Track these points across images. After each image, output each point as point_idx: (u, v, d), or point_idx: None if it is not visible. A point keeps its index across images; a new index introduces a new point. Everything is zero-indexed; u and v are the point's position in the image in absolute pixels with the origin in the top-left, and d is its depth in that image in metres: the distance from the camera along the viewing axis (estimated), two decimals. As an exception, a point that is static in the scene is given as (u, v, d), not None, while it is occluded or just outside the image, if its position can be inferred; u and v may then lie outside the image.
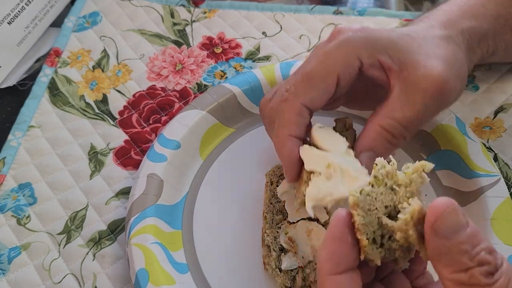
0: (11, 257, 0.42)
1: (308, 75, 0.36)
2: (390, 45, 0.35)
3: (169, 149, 0.45)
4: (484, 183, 0.41)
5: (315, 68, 0.36)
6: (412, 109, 0.34)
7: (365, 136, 0.35)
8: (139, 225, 0.40)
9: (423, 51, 0.35)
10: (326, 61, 0.35)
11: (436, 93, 0.34)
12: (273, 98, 0.38)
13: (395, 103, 0.35)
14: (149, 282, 0.37)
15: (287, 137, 0.35)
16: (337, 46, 0.36)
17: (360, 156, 0.34)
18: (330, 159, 0.32)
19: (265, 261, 0.39)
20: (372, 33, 0.36)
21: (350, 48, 0.35)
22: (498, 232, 0.38)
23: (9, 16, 0.54)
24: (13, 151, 0.48)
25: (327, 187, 0.32)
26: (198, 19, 0.59)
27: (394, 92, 0.35)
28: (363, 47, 0.35)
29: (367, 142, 0.35)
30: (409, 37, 0.36)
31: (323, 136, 0.35)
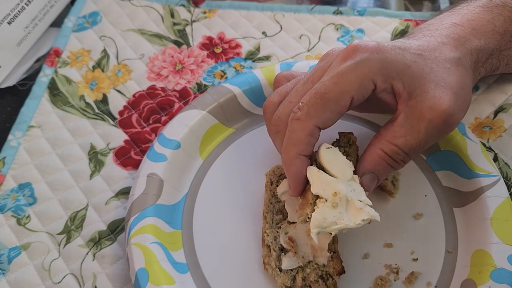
0: (11, 257, 0.42)
1: (322, 96, 0.35)
2: (404, 70, 0.35)
3: (169, 149, 0.45)
4: (484, 183, 0.41)
5: (330, 89, 0.35)
6: (415, 137, 0.35)
7: (367, 159, 0.36)
8: (139, 225, 0.40)
9: (434, 77, 0.36)
10: (341, 83, 0.35)
11: (441, 125, 0.35)
12: (281, 107, 0.38)
13: (399, 130, 0.36)
14: (149, 282, 0.37)
15: (297, 156, 0.36)
16: (353, 68, 0.35)
17: (362, 177, 0.36)
18: (337, 187, 0.34)
19: (265, 261, 0.39)
20: (388, 55, 0.36)
21: (366, 71, 0.35)
22: (498, 232, 0.38)
23: (9, 16, 0.54)
24: (13, 151, 0.48)
25: (333, 216, 0.33)
26: (198, 19, 0.59)
27: (400, 119, 0.36)
28: (379, 71, 0.35)
29: (369, 165, 0.36)
30: (422, 59, 0.36)
31: (330, 159, 0.35)
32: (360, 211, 0.34)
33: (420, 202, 0.43)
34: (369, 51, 0.35)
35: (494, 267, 0.37)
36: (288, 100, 0.38)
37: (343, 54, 0.36)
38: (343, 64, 0.35)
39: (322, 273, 0.38)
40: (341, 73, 0.35)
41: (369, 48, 0.36)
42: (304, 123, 0.35)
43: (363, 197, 0.35)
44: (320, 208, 0.34)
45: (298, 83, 0.38)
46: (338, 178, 0.35)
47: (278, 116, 0.38)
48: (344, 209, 0.34)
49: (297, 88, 0.38)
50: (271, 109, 0.39)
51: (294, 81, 0.40)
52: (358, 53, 0.36)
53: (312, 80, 0.37)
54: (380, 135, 0.37)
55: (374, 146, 0.37)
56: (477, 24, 0.41)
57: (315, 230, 0.34)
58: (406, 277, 0.39)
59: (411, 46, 0.37)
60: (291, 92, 0.38)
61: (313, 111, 0.35)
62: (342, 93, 0.35)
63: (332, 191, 0.34)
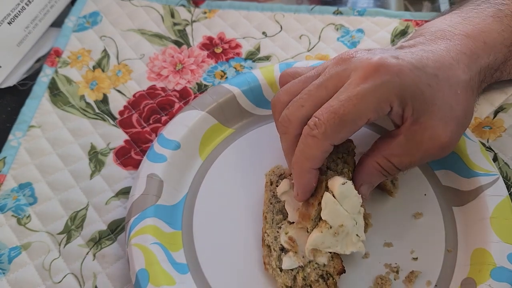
0: (11, 257, 0.42)
1: (341, 117, 0.35)
2: (417, 96, 0.36)
3: (169, 149, 0.45)
4: (483, 182, 0.41)
5: (349, 111, 0.35)
6: (409, 159, 0.38)
7: (364, 171, 0.39)
8: (139, 225, 0.40)
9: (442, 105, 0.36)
10: (360, 105, 0.35)
11: (436, 153, 0.38)
12: (291, 108, 0.38)
13: (396, 150, 0.38)
14: (150, 282, 0.37)
15: (309, 170, 0.37)
16: (373, 91, 0.35)
17: (361, 188, 0.39)
18: (345, 221, 0.37)
19: (265, 261, 0.39)
20: (407, 78, 0.35)
21: (386, 95, 0.35)
22: (497, 231, 0.38)
23: (9, 16, 0.54)
24: (13, 151, 0.49)
25: (330, 242, 0.37)
26: (198, 19, 0.59)
27: (399, 139, 0.37)
28: (397, 95, 0.35)
29: (365, 177, 0.39)
30: (436, 81, 0.36)
31: (344, 196, 0.37)
32: (353, 244, 0.37)
33: (420, 202, 0.43)
34: (390, 73, 0.35)
35: (494, 266, 0.37)
36: (299, 103, 0.38)
37: (364, 72, 0.36)
38: (364, 85, 0.35)
39: (323, 273, 0.38)
40: (361, 95, 0.35)
41: (391, 70, 0.35)
42: (320, 142, 0.36)
43: (361, 233, 0.38)
44: (324, 232, 0.37)
45: (310, 84, 0.38)
46: (348, 212, 0.37)
47: (287, 117, 0.38)
48: (342, 239, 0.37)
49: (309, 91, 0.38)
50: (279, 108, 0.39)
51: (303, 79, 0.40)
52: (379, 75, 0.35)
53: (326, 86, 0.37)
54: (378, 149, 0.39)
55: (371, 159, 0.39)
56: (488, 37, 0.41)
57: (310, 247, 0.37)
58: (406, 276, 0.39)
59: (428, 65, 0.37)
60: (302, 93, 0.38)
61: (330, 132, 0.35)
62: (360, 116, 0.35)
63: (339, 223, 0.37)
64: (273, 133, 0.48)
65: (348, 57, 0.38)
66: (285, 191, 0.41)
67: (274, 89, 0.49)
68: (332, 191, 0.38)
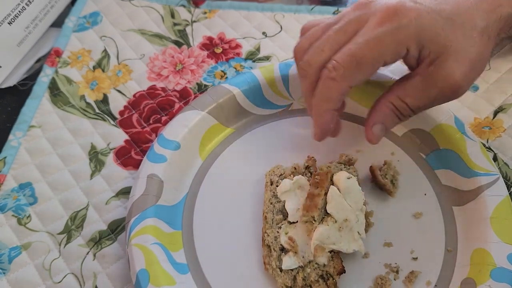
0: (11, 257, 0.42)
1: (358, 60, 0.36)
2: (434, 38, 0.36)
3: (168, 149, 0.45)
4: (483, 182, 0.41)
5: (366, 54, 0.36)
6: (423, 100, 0.39)
7: (378, 110, 0.40)
8: (139, 225, 0.40)
9: (457, 46, 0.37)
10: (378, 48, 0.36)
11: (449, 93, 0.38)
12: (311, 52, 0.39)
13: (411, 90, 0.38)
14: (150, 282, 0.37)
15: (328, 111, 0.39)
16: (391, 34, 0.36)
17: (373, 128, 0.40)
18: (349, 216, 0.38)
19: (265, 261, 0.39)
20: (425, 21, 0.36)
21: (403, 38, 0.36)
22: (497, 231, 0.38)
23: (9, 16, 0.54)
24: (13, 151, 0.49)
25: (335, 237, 0.37)
26: (198, 19, 0.59)
27: (415, 80, 0.38)
28: (414, 39, 0.36)
29: (379, 116, 0.40)
30: (451, 25, 0.37)
31: (348, 190, 0.38)
32: (355, 241, 0.38)
33: (420, 201, 0.43)
34: (408, 17, 0.36)
35: (494, 266, 0.37)
36: (319, 47, 0.39)
37: (382, 16, 0.37)
38: (381, 28, 0.36)
39: (323, 273, 0.38)
40: (379, 38, 0.36)
41: (409, 14, 0.36)
42: (339, 84, 0.37)
43: (362, 230, 0.39)
44: (330, 226, 0.37)
45: (329, 28, 0.39)
46: (352, 207, 0.38)
47: (308, 61, 0.39)
48: (345, 235, 0.38)
49: (329, 36, 0.39)
50: (300, 54, 0.41)
51: (323, 26, 0.40)
52: (397, 18, 0.36)
53: (346, 31, 0.38)
54: (392, 90, 0.39)
55: (384, 99, 0.39)
56: None
57: (316, 242, 0.37)
58: (406, 276, 0.39)
59: (445, 9, 0.37)
60: (322, 37, 0.39)
61: (348, 74, 0.37)
62: (377, 58, 0.36)
63: (344, 217, 0.38)
64: (273, 133, 0.48)
65: (367, 1, 0.39)
66: (285, 191, 0.41)
67: (274, 89, 0.49)
68: (337, 186, 0.39)
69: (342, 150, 0.44)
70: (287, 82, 0.49)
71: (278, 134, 0.48)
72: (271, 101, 0.49)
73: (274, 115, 0.49)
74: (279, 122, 0.49)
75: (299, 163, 0.44)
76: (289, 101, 0.50)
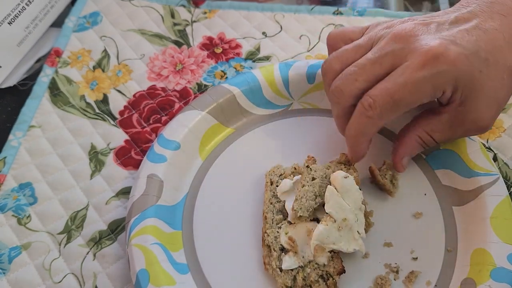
0: (11, 257, 0.42)
1: (396, 102, 0.37)
2: (468, 82, 0.37)
3: (168, 149, 0.45)
4: (483, 182, 0.41)
5: (405, 97, 0.37)
6: (449, 135, 0.41)
7: (406, 144, 0.42)
8: (139, 226, 0.40)
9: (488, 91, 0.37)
10: (415, 91, 0.36)
11: (475, 132, 0.41)
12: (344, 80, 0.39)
13: (439, 126, 0.40)
14: (150, 283, 0.37)
15: (363, 142, 0.40)
16: (430, 80, 0.36)
17: (402, 160, 0.42)
18: (347, 215, 0.38)
19: (265, 261, 0.39)
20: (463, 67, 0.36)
21: (441, 82, 0.36)
22: (497, 231, 0.38)
23: (9, 16, 0.54)
24: (13, 151, 0.49)
25: (334, 237, 0.37)
26: (198, 19, 0.59)
27: (443, 117, 0.40)
28: (451, 82, 0.37)
29: (408, 150, 0.42)
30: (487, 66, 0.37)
31: (346, 189, 0.39)
32: (355, 241, 0.38)
33: (420, 201, 0.43)
34: (448, 63, 0.36)
35: (494, 266, 0.37)
36: (353, 76, 0.39)
37: (423, 59, 0.36)
38: (421, 72, 0.36)
39: (323, 273, 0.38)
40: (418, 82, 0.36)
41: (449, 59, 0.36)
42: (375, 122, 0.38)
43: (361, 230, 0.38)
44: (329, 226, 0.37)
45: (364, 58, 0.39)
46: (350, 206, 0.38)
47: (340, 89, 0.39)
48: (345, 234, 0.38)
49: (363, 65, 0.38)
50: (331, 75, 0.41)
51: (355, 47, 0.40)
52: (437, 64, 0.36)
53: (382, 63, 0.38)
54: (419, 124, 0.41)
55: (412, 133, 0.41)
56: None
57: (315, 242, 0.37)
58: (406, 276, 0.39)
59: (481, 48, 0.37)
60: (355, 65, 0.39)
61: (385, 114, 0.37)
62: (414, 101, 0.37)
63: (343, 216, 0.38)
64: (273, 133, 0.48)
65: (406, 35, 0.38)
66: (286, 191, 0.41)
67: (274, 89, 0.49)
68: (334, 185, 0.39)
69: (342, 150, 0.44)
70: (287, 82, 0.49)
71: (278, 134, 0.48)
72: (271, 101, 0.49)
73: (274, 115, 0.49)
74: (279, 122, 0.49)
75: (299, 163, 0.44)
76: (289, 101, 0.50)
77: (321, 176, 0.40)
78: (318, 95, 0.49)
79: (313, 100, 0.49)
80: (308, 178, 0.40)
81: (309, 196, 0.39)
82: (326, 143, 0.45)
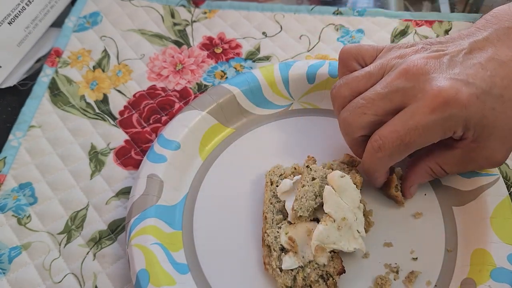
0: (11, 257, 0.42)
1: (406, 144, 0.36)
2: (480, 121, 0.36)
3: (169, 149, 0.45)
4: (484, 182, 0.41)
5: (414, 140, 0.36)
6: (461, 169, 0.41)
7: (416, 173, 0.41)
8: (139, 226, 0.40)
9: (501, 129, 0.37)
10: (426, 135, 0.36)
11: (487, 168, 0.41)
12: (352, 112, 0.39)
13: (450, 159, 0.40)
14: (150, 283, 0.37)
15: (378, 176, 0.41)
16: (441, 124, 0.36)
17: (410, 188, 0.42)
18: (346, 214, 0.38)
19: (265, 261, 0.39)
20: (474, 108, 0.35)
21: (452, 125, 0.36)
22: (497, 231, 0.38)
23: (9, 16, 0.54)
24: (13, 151, 0.49)
25: (334, 236, 0.38)
26: (198, 19, 0.59)
27: (455, 152, 0.39)
28: (461, 123, 0.36)
29: (417, 179, 0.42)
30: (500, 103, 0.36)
31: (343, 188, 0.39)
32: (355, 240, 0.38)
33: (420, 201, 0.43)
34: (459, 106, 0.35)
35: (494, 266, 0.37)
36: (361, 110, 0.38)
37: (433, 103, 0.35)
38: (432, 116, 0.35)
39: (323, 273, 0.38)
40: (429, 126, 0.36)
41: (460, 103, 0.35)
42: (385, 162, 0.38)
43: (361, 229, 0.39)
44: (328, 225, 0.37)
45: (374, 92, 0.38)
46: (348, 205, 0.38)
47: (348, 122, 0.39)
48: (345, 234, 0.38)
49: (372, 100, 0.38)
50: (340, 101, 0.41)
51: (366, 76, 0.40)
52: (449, 108, 0.35)
53: (391, 100, 0.37)
54: (432, 155, 0.41)
55: (424, 164, 0.41)
56: None
57: (316, 242, 0.37)
58: (406, 276, 0.39)
59: (495, 84, 0.36)
60: (364, 97, 0.38)
61: (395, 154, 0.38)
62: (424, 143, 0.37)
63: (341, 216, 0.38)
64: (273, 133, 0.48)
65: (417, 73, 0.37)
66: (285, 191, 0.41)
67: (274, 89, 0.49)
68: (332, 185, 0.39)
69: (342, 150, 0.44)
70: (287, 82, 0.49)
71: (278, 134, 0.48)
72: (271, 101, 0.49)
73: (274, 115, 0.49)
74: (279, 122, 0.49)
75: (299, 163, 0.44)
76: (289, 101, 0.50)
77: (321, 176, 0.40)
78: (318, 95, 0.49)
79: (313, 100, 0.49)
80: (308, 178, 0.40)
81: (309, 196, 0.39)
82: (326, 143, 0.45)
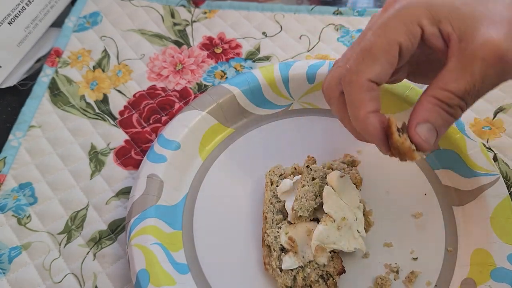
0: (11, 257, 0.42)
1: (368, 50, 0.33)
2: (452, 13, 0.32)
3: (169, 149, 0.45)
4: (484, 182, 0.41)
5: (375, 41, 0.33)
6: (468, 80, 0.32)
7: (419, 108, 0.33)
8: (139, 226, 0.40)
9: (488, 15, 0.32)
10: (385, 33, 0.32)
11: (496, 62, 0.31)
12: (329, 74, 0.37)
13: (450, 75, 0.32)
14: (150, 283, 0.37)
15: (366, 116, 0.33)
16: (396, 14, 0.33)
17: (418, 129, 0.33)
18: (346, 214, 0.38)
19: (265, 261, 0.39)
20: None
21: (410, 15, 0.32)
22: (498, 231, 0.38)
23: (9, 16, 0.54)
24: (13, 151, 0.49)
25: (334, 236, 0.38)
26: (198, 19, 0.59)
27: (450, 63, 0.33)
28: (424, 14, 0.32)
29: (422, 113, 0.33)
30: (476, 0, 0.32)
31: (342, 188, 0.39)
32: (355, 240, 0.38)
33: (420, 201, 0.43)
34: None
35: (494, 266, 0.37)
36: (335, 66, 0.37)
37: (384, 5, 0.34)
38: (385, 13, 0.33)
39: (323, 273, 0.38)
40: (384, 23, 0.33)
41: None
42: (357, 82, 0.33)
43: (361, 229, 0.39)
44: (328, 225, 0.38)
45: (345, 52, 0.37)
46: (348, 205, 0.38)
47: (328, 82, 0.37)
48: (345, 233, 0.38)
49: (344, 54, 0.37)
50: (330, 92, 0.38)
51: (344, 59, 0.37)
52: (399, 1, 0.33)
53: (358, 42, 0.36)
54: (431, 85, 0.33)
55: (425, 95, 0.33)
56: None
57: (316, 242, 0.37)
58: (406, 276, 0.39)
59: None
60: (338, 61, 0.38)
61: (362, 67, 0.33)
62: (388, 43, 0.32)
63: (341, 216, 0.38)
64: (273, 133, 0.48)
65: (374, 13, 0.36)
66: (285, 191, 0.41)
67: (274, 88, 0.49)
68: (331, 185, 0.39)
69: (342, 150, 0.44)
70: (287, 82, 0.49)
71: (278, 134, 0.48)
72: (271, 101, 0.49)
73: (274, 115, 0.49)
74: (279, 122, 0.49)
75: (299, 163, 0.44)
76: (289, 101, 0.50)
77: (321, 176, 0.40)
78: (318, 95, 0.49)
79: (313, 100, 0.49)
80: (308, 178, 0.40)
81: (309, 196, 0.39)
82: (326, 143, 0.45)
